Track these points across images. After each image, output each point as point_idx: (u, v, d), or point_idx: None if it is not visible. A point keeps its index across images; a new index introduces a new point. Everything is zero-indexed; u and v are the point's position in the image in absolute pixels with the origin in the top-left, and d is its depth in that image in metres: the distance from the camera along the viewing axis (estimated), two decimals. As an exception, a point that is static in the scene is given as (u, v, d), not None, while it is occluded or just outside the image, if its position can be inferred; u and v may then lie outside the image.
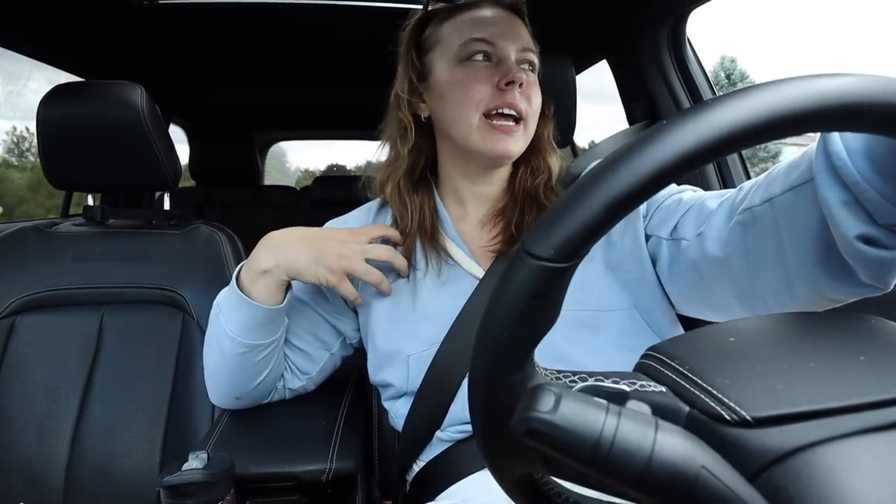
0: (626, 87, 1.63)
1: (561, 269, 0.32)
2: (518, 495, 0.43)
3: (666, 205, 0.83)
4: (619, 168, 0.31)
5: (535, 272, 0.32)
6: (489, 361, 0.35)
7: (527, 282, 0.33)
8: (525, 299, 0.33)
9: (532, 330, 0.34)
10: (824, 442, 0.29)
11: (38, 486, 1.09)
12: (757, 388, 0.32)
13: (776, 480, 0.29)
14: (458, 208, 0.97)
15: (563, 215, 0.32)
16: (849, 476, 0.28)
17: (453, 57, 0.88)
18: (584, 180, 0.32)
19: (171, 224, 1.31)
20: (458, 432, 0.87)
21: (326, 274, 0.85)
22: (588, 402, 0.30)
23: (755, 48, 78.56)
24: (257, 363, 0.90)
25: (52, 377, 1.15)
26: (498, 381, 0.35)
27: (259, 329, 0.88)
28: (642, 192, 0.30)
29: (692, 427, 0.32)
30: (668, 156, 0.30)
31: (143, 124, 1.14)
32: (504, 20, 0.89)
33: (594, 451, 0.29)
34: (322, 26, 1.72)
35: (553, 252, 0.32)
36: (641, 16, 1.44)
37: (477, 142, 0.87)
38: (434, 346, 0.87)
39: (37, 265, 1.21)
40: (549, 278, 0.32)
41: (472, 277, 0.90)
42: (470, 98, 0.85)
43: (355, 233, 0.89)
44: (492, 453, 0.40)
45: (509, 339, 0.34)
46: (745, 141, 0.29)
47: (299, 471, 0.84)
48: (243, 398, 0.96)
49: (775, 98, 0.29)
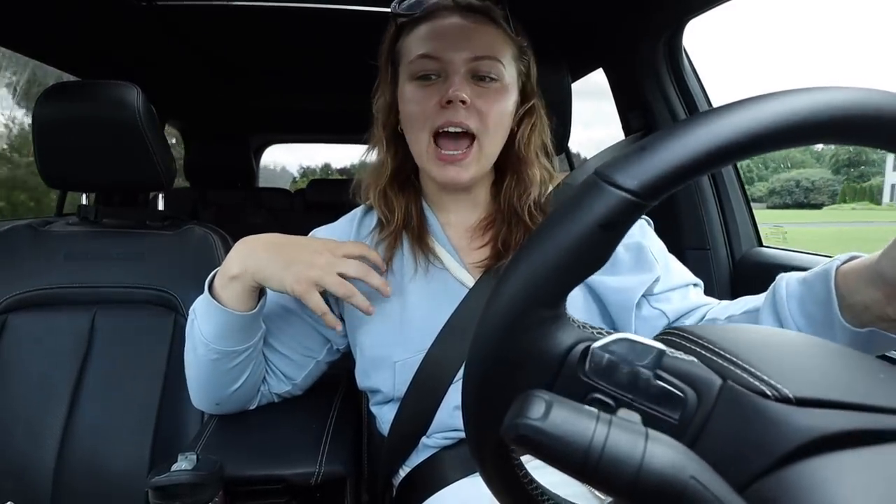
0: (622, 97, 1.63)
1: (637, 206, 0.31)
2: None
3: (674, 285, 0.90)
4: (726, 118, 0.31)
5: (611, 201, 0.31)
6: (527, 289, 0.34)
7: (599, 209, 0.32)
8: (591, 227, 0.32)
9: (584, 264, 0.33)
10: (855, 435, 0.29)
11: (27, 485, 1.08)
12: (796, 374, 0.32)
13: (766, 492, 0.29)
14: (444, 214, 0.96)
15: (659, 150, 0.31)
16: (839, 488, 0.28)
17: (406, 74, 0.87)
18: (688, 122, 0.32)
19: (164, 225, 1.31)
20: (444, 438, 0.87)
21: (293, 283, 0.81)
22: (578, 410, 0.30)
23: (751, 59, 79.54)
24: (232, 369, 0.89)
25: (42, 376, 1.14)
26: (529, 313, 0.34)
27: (232, 335, 0.86)
28: (742, 150, 0.31)
29: (726, 398, 0.32)
30: (773, 121, 0.30)
31: (139, 124, 1.14)
32: (457, 30, 0.86)
33: (584, 459, 0.29)
34: (317, 30, 1.72)
35: (637, 185, 0.31)
36: (638, 25, 1.45)
37: (428, 167, 0.87)
38: (421, 352, 0.87)
39: (29, 264, 1.21)
40: (624, 211, 0.32)
41: (460, 284, 0.90)
42: (417, 118, 0.85)
43: (332, 245, 0.85)
44: (484, 405, 0.39)
45: (558, 266, 0.33)
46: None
47: (288, 473, 0.84)
48: (223, 404, 0.94)
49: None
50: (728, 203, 1.47)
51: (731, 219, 1.47)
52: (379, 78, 0.95)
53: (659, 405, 0.33)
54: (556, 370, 0.35)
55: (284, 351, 0.96)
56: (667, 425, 0.33)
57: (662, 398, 0.34)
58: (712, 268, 1.46)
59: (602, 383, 0.34)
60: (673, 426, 0.33)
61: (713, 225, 1.47)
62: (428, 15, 0.88)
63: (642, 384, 0.33)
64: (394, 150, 0.94)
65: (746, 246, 1.47)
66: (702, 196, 1.47)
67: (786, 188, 69.15)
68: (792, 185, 69.61)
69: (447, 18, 0.87)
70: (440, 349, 0.86)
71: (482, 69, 0.85)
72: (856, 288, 0.62)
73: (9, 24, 1.52)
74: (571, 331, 0.36)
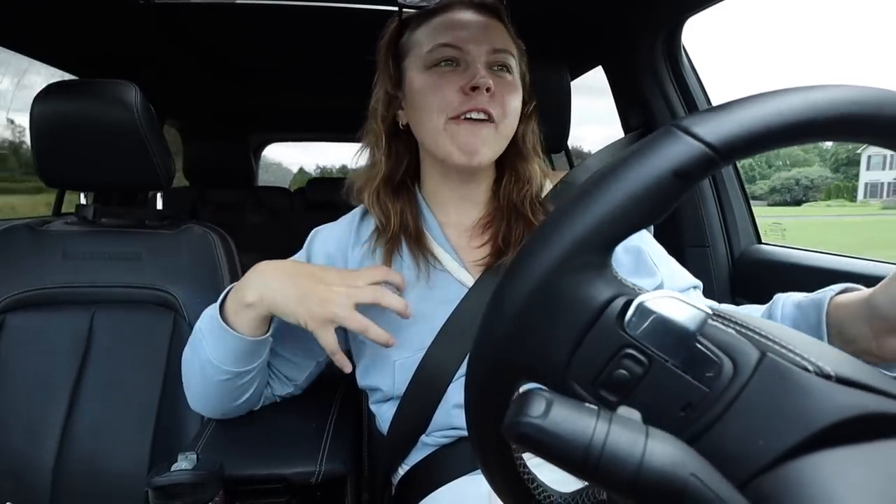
0: (622, 94, 1.63)
1: (712, 161, 0.31)
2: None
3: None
4: (822, 94, 0.31)
5: (688, 150, 0.31)
6: (585, 229, 0.33)
7: (674, 156, 0.32)
8: (665, 173, 0.32)
9: (646, 211, 0.33)
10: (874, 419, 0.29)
11: (26, 485, 1.08)
12: (835, 357, 0.33)
13: (766, 489, 0.29)
14: (444, 213, 0.96)
15: (749, 109, 0.31)
16: (837, 485, 0.28)
17: (422, 63, 0.87)
18: (781, 91, 0.32)
19: (163, 224, 1.31)
20: (443, 437, 0.87)
21: (307, 318, 0.80)
22: (579, 407, 0.30)
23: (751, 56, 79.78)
24: (239, 387, 0.89)
25: (41, 376, 1.14)
26: (580, 255, 0.33)
27: (242, 358, 0.86)
28: (829, 127, 0.31)
29: (765, 371, 0.32)
30: (859, 106, 0.31)
31: (137, 124, 1.13)
32: (475, 23, 0.87)
33: (584, 457, 0.29)
34: (316, 28, 1.72)
35: (717, 139, 0.31)
36: (637, 23, 1.45)
37: (445, 146, 0.86)
38: (420, 351, 0.87)
39: (28, 263, 1.21)
40: (699, 164, 0.31)
41: (460, 284, 0.90)
42: (435, 104, 0.84)
43: (349, 276, 0.83)
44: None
45: (624, 209, 0.32)
46: None
47: (289, 473, 0.84)
48: (228, 413, 0.95)
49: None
50: (727, 200, 1.47)
51: (730, 216, 1.47)
52: (378, 72, 0.94)
53: (693, 370, 0.33)
54: (593, 320, 0.34)
55: (287, 355, 0.96)
56: (698, 393, 0.33)
57: (698, 363, 0.33)
58: (711, 265, 1.46)
59: (639, 340, 0.33)
60: (704, 394, 0.33)
61: (712, 222, 1.47)
62: (440, 9, 0.89)
63: (681, 346, 0.33)
64: (390, 146, 0.94)
65: (746, 243, 1.47)
66: (701, 194, 1.47)
67: (786, 186, 69.24)
68: (792, 183, 69.68)
69: (462, 12, 0.88)
70: (440, 348, 0.86)
71: (500, 60, 0.87)
72: (846, 320, 0.65)
73: (6, 22, 1.52)
74: (614, 282, 0.35)
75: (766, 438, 0.30)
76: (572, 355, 0.34)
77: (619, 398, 0.34)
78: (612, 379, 0.34)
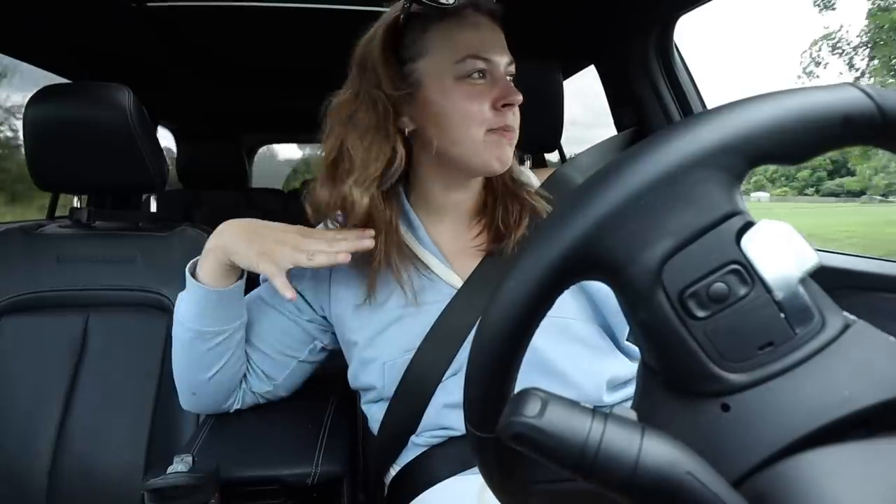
0: (614, 93, 1.63)
1: (871, 123, 0.31)
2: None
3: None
4: None
5: (859, 103, 0.31)
6: (737, 133, 0.32)
7: (849, 104, 0.31)
8: (834, 113, 0.31)
9: (804, 140, 0.32)
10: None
11: (21, 488, 1.08)
12: None
13: (761, 486, 0.29)
14: (431, 216, 0.95)
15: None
16: (834, 483, 0.28)
17: (449, 73, 0.84)
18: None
19: (157, 226, 1.30)
20: (433, 437, 0.87)
21: (256, 258, 0.83)
22: (574, 407, 0.30)
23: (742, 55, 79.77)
24: (207, 352, 0.89)
25: (36, 379, 1.14)
26: (721, 155, 0.32)
27: (206, 314, 0.87)
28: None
29: (855, 333, 0.32)
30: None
31: (130, 126, 1.13)
32: (492, 32, 0.87)
33: (580, 456, 0.29)
34: (309, 30, 1.72)
35: (889, 106, 0.31)
36: (629, 22, 1.45)
37: (482, 156, 0.85)
38: (408, 352, 0.87)
39: (22, 267, 1.20)
40: (864, 120, 0.31)
41: (448, 286, 0.90)
42: (472, 119, 0.84)
43: (310, 232, 0.87)
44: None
45: (787, 124, 0.31)
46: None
47: (284, 474, 0.84)
48: (200, 394, 0.94)
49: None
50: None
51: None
52: (379, 70, 0.87)
53: (788, 311, 0.32)
54: (713, 224, 0.33)
55: (263, 347, 0.96)
56: (784, 335, 0.32)
57: (796, 306, 0.32)
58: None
59: (753, 261, 0.32)
60: (790, 338, 0.32)
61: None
62: (456, 10, 0.85)
63: (788, 283, 0.32)
64: (394, 149, 0.87)
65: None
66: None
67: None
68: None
69: (477, 18, 0.86)
70: (428, 349, 0.86)
71: (512, 72, 0.88)
72: None
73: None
74: (741, 200, 0.33)
75: (840, 399, 0.30)
76: (671, 256, 0.33)
77: (708, 314, 0.32)
78: (708, 291, 0.32)
